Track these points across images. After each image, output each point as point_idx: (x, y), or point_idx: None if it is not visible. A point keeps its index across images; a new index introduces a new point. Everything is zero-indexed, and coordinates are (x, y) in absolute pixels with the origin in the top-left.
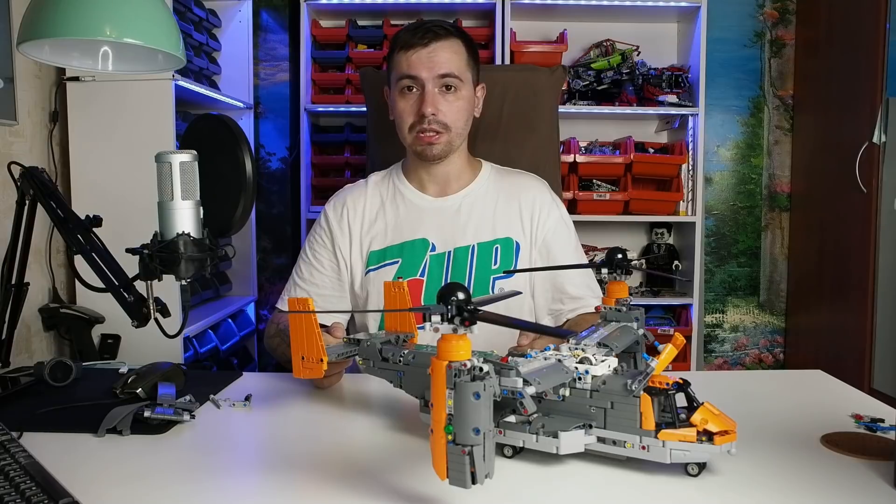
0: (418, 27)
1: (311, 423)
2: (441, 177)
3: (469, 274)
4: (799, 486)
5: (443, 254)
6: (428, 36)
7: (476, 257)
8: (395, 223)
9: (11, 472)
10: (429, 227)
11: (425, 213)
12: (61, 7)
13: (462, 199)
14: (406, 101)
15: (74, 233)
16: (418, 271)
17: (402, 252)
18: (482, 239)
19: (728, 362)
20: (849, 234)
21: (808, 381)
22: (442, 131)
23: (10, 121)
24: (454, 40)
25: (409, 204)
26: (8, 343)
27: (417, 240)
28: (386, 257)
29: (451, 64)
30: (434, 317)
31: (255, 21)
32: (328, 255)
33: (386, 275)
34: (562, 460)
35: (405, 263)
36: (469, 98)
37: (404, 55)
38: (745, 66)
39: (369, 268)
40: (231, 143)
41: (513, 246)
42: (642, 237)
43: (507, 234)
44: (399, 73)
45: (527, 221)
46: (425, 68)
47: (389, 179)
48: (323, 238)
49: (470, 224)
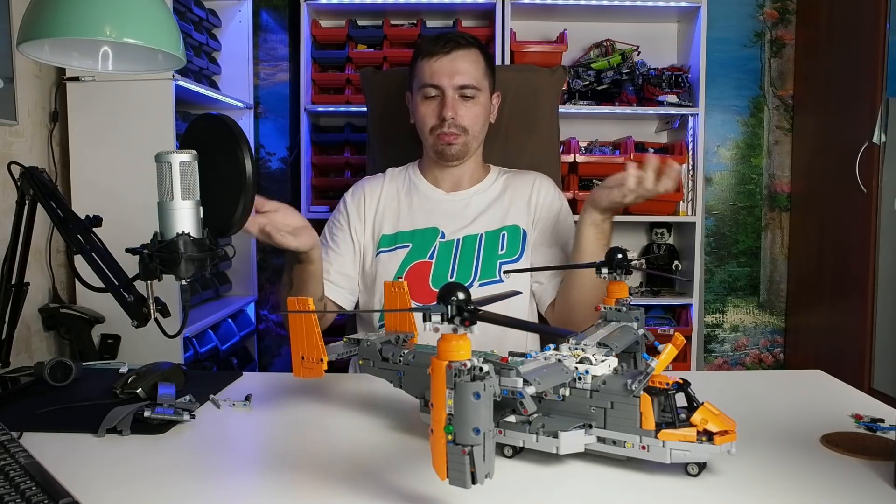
0: (440, 36)
1: (311, 423)
2: (455, 176)
3: (476, 258)
4: (799, 486)
5: (452, 241)
6: (449, 45)
7: (484, 244)
8: (408, 211)
9: (11, 472)
10: (440, 218)
11: (437, 205)
12: (61, 7)
13: (473, 194)
14: (428, 106)
15: (74, 233)
16: (427, 255)
17: (413, 238)
18: (490, 227)
19: (728, 362)
20: (849, 234)
21: (808, 381)
22: (460, 133)
23: (10, 121)
24: (473, 50)
25: (422, 196)
26: (8, 343)
27: (429, 228)
28: (397, 241)
29: (468, 75)
30: (434, 317)
31: (255, 21)
32: (345, 236)
33: (396, 257)
34: (562, 460)
35: (415, 248)
36: (486, 105)
37: (427, 63)
38: (744, 66)
39: (381, 249)
40: (231, 143)
41: (519, 233)
42: (642, 237)
43: (514, 221)
44: (422, 80)
45: (532, 207)
46: (446, 76)
47: (406, 173)
48: (341, 221)
49: (479, 216)
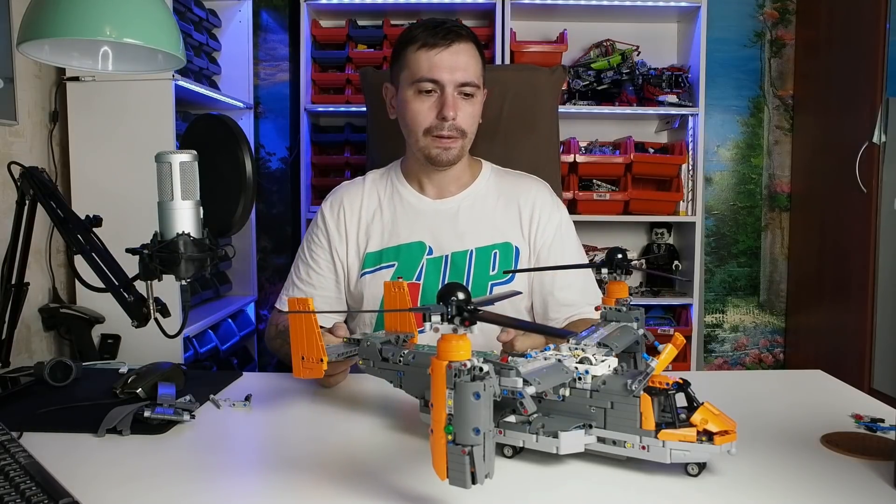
0: (438, 25)
1: (311, 423)
2: (442, 179)
3: (467, 279)
4: (799, 486)
5: (440, 258)
6: (450, 36)
7: (474, 262)
8: (391, 224)
9: (11, 472)
10: (425, 230)
11: (422, 216)
12: (61, 7)
13: (461, 201)
14: (423, 103)
15: (74, 233)
16: (414, 275)
17: (399, 255)
18: (480, 243)
19: (728, 362)
20: (849, 234)
21: (808, 381)
22: (458, 137)
23: (10, 121)
24: (471, 44)
25: (406, 205)
26: (8, 343)
27: (414, 243)
28: (382, 260)
29: (469, 71)
30: (434, 317)
31: (255, 21)
32: (325, 255)
33: (382, 278)
34: (562, 460)
35: (401, 267)
36: (481, 104)
37: (425, 54)
38: (744, 66)
39: (365, 270)
40: (231, 143)
41: (512, 251)
42: (642, 237)
43: (506, 238)
44: (417, 73)
45: (526, 225)
46: (447, 71)
47: (388, 178)
48: (320, 238)
49: (468, 228)
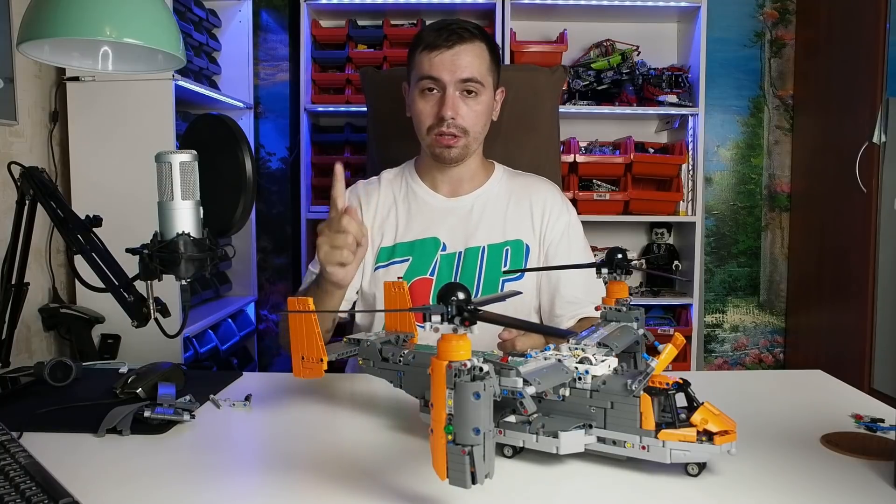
0: (443, 27)
1: (311, 423)
2: (454, 178)
3: (479, 275)
4: (799, 486)
5: (453, 254)
6: (452, 38)
7: (486, 259)
8: (406, 221)
9: (11, 472)
10: (440, 227)
11: (437, 213)
12: (61, 7)
13: (474, 199)
14: (426, 102)
15: (74, 233)
16: (428, 270)
17: (413, 250)
18: (493, 240)
19: (728, 362)
20: (849, 234)
21: (808, 381)
22: (460, 135)
23: (10, 121)
24: (478, 43)
25: (420, 203)
26: (8, 343)
27: (428, 238)
28: (396, 254)
29: (472, 68)
30: (434, 317)
31: (255, 21)
32: None
33: (396, 272)
34: (562, 460)
35: (415, 262)
36: (488, 103)
37: (427, 55)
38: (744, 66)
39: (378, 264)
40: (231, 143)
41: (523, 248)
42: (642, 237)
43: (518, 236)
44: (420, 72)
45: (537, 224)
46: (447, 71)
47: (402, 177)
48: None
49: (481, 225)
